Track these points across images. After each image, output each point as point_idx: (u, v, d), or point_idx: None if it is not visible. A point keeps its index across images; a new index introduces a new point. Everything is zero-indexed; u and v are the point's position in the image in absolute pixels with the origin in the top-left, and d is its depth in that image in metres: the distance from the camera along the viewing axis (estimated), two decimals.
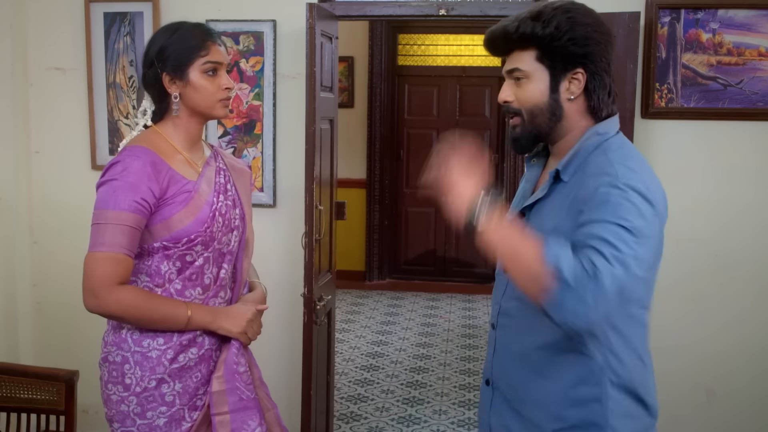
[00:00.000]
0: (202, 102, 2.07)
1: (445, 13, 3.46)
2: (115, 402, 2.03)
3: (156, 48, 2.04)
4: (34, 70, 3.79)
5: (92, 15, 3.67)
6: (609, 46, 1.73)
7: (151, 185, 1.95)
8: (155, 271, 2.03)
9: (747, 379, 3.44)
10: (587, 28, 1.70)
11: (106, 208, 1.93)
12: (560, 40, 1.70)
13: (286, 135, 3.63)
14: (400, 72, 7.68)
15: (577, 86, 1.73)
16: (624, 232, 1.51)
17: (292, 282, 3.60)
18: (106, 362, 2.06)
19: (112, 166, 1.97)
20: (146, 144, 2.01)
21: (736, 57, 3.31)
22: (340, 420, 4.45)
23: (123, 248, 1.93)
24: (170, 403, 2.02)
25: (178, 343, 2.03)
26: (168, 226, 1.98)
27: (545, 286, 1.47)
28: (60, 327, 3.87)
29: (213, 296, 2.10)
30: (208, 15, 3.60)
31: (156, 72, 2.04)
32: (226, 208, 2.10)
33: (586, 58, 1.71)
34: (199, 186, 2.05)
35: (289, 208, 3.64)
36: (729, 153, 3.38)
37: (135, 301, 1.96)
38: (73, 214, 3.79)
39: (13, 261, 3.73)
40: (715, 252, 3.40)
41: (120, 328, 2.04)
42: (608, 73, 1.73)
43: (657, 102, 3.36)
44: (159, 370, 2.01)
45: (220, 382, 2.07)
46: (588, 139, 1.74)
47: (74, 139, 3.80)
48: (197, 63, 2.04)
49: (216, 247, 2.07)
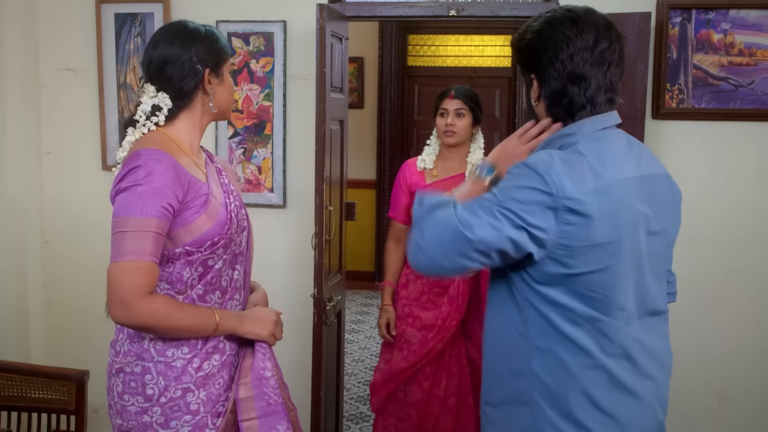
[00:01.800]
0: (229, 100, 2.13)
1: (455, 14, 3.45)
2: (134, 413, 1.97)
3: (195, 45, 2.03)
4: (46, 70, 3.81)
5: (103, 16, 3.69)
6: (559, 51, 1.74)
7: (176, 190, 1.90)
8: (177, 278, 1.98)
9: (758, 381, 3.42)
10: (533, 36, 1.78)
11: (131, 215, 1.84)
12: (515, 48, 1.84)
13: (296, 136, 3.63)
14: (410, 73, 7.67)
15: (534, 91, 1.83)
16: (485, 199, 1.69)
17: (302, 282, 3.61)
18: (121, 373, 2.00)
19: (132, 171, 1.89)
20: (159, 147, 1.96)
21: (747, 57, 3.30)
22: (350, 420, 4.45)
23: (151, 256, 1.86)
24: (195, 412, 1.99)
25: (204, 351, 2.00)
26: (190, 230, 1.95)
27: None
28: (71, 327, 3.89)
29: (230, 299, 2.09)
30: (219, 16, 3.61)
31: (195, 68, 2.02)
32: (236, 208, 2.09)
33: (533, 64, 1.80)
34: (212, 188, 2.04)
35: (299, 208, 3.65)
36: (740, 154, 3.36)
37: (167, 311, 1.90)
38: (84, 214, 3.80)
39: (24, 261, 3.75)
40: (726, 253, 3.39)
41: (141, 338, 1.98)
42: (557, 77, 1.76)
43: (668, 103, 3.34)
44: (185, 379, 1.97)
45: (248, 388, 2.04)
46: (554, 139, 1.80)
47: (85, 140, 3.81)
48: (228, 63, 2.11)
49: (231, 248, 2.06)
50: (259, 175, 3.66)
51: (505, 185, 1.68)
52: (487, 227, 1.64)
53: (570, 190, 1.63)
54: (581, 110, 1.77)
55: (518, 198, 1.64)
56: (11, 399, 2.61)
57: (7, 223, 3.66)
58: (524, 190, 1.65)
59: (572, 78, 1.75)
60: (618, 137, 1.80)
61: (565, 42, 1.74)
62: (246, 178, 3.67)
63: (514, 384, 1.77)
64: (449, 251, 1.66)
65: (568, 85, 1.75)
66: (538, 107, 1.83)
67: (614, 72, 1.78)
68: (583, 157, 1.69)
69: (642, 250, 1.74)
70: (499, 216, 1.64)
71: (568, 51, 1.74)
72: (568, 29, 1.74)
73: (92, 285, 3.61)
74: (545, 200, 1.63)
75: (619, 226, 1.68)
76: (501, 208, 1.64)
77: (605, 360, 1.70)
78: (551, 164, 1.65)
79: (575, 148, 1.72)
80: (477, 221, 1.64)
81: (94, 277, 3.55)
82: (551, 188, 1.63)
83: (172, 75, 2.02)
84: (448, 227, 1.66)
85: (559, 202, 1.63)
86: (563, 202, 1.63)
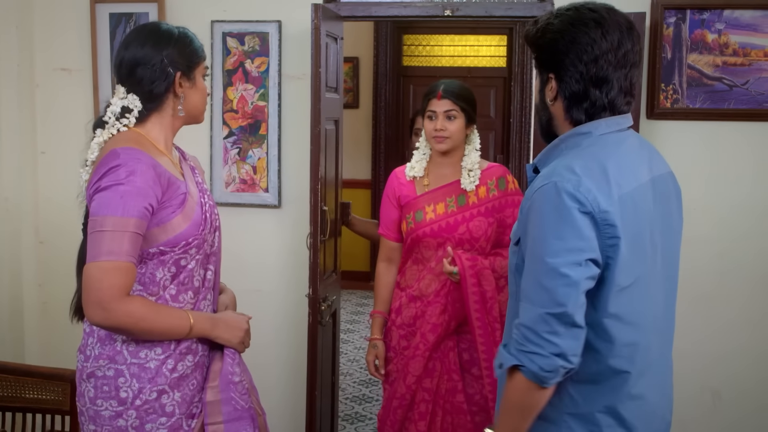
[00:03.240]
0: (201, 104, 2.11)
1: (450, 14, 3.46)
2: (107, 417, 1.93)
3: (167, 48, 2.01)
4: (40, 70, 3.80)
5: (98, 16, 3.68)
6: (582, 53, 1.72)
7: (156, 189, 1.89)
8: (150, 279, 1.95)
9: (753, 380, 3.43)
10: (555, 35, 1.74)
11: (111, 214, 1.82)
12: (536, 45, 1.79)
13: (291, 136, 3.63)
14: (405, 73, 7.68)
15: (551, 91, 1.79)
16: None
17: (297, 282, 3.61)
18: (92, 377, 1.96)
19: (113, 170, 1.86)
20: (136, 145, 1.94)
21: (741, 58, 3.30)
22: (345, 420, 4.45)
23: (129, 256, 1.83)
24: (170, 414, 1.96)
25: (177, 351, 1.98)
26: (165, 230, 1.93)
27: None
28: (65, 327, 3.83)
29: (202, 299, 2.07)
30: (214, 15, 3.60)
31: (166, 71, 2.00)
32: (210, 208, 2.08)
33: (553, 64, 1.76)
34: (189, 187, 2.02)
35: (294, 208, 3.64)
36: (735, 154, 3.37)
37: (143, 313, 1.87)
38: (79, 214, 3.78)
39: (18, 261, 3.74)
40: (720, 253, 3.39)
41: (113, 340, 1.95)
42: (579, 80, 1.73)
43: (662, 103, 3.35)
44: (160, 381, 1.95)
45: (215, 392, 2.03)
46: (568, 137, 1.78)
47: (80, 140, 3.76)
48: (201, 66, 2.09)
49: (204, 248, 2.04)
50: (254, 175, 3.66)
51: (547, 236, 1.63)
52: (564, 289, 1.60)
53: (603, 203, 1.63)
54: (602, 112, 1.75)
55: (565, 243, 1.61)
56: (6, 399, 2.61)
57: (1, 223, 3.65)
58: (565, 228, 1.61)
59: (595, 81, 1.73)
60: (631, 139, 1.80)
61: (589, 44, 1.71)
62: (241, 178, 3.67)
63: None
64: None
65: (590, 88, 1.73)
66: (555, 107, 1.80)
67: (634, 73, 1.77)
68: (601, 164, 1.68)
69: (657, 250, 1.76)
70: (565, 272, 1.60)
71: (593, 54, 1.71)
72: (592, 31, 1.72)
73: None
74: (587, 222, 1.62)
75: (639, 234, 1.69)
76: (564, 264, 1.60)
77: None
78: (579, 181, 1.63)
79: (591, 152, 1.71)
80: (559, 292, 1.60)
81: None
82: (586, 207, 1.62)
83: (143, 77, 2.00)
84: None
85: (598, 217, 1.62)
86: (601, 216, 1.63)
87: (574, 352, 1.61)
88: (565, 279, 1.58)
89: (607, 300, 1.66)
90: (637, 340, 1.71)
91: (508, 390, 1.68)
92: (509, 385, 1.67)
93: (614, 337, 1.68)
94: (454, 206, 2.84)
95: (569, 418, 1.71)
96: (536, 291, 1.62)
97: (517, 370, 1.63)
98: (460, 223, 2.81)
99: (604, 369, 1.70)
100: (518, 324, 1.64)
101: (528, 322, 1.62)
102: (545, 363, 1.59)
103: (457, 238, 2.80)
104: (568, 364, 1.60)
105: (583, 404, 1.71)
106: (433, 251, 2.84)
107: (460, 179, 2.85)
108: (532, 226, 1.67)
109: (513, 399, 1.68)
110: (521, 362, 1.61)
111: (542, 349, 1.59)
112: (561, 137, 1.80)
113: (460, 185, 2.84)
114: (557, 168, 1.68)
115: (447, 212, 2.83)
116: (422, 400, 2.80)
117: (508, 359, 1.65)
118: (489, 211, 2.82)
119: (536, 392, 1.63)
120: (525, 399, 1.65)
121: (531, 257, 1.66)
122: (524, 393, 1.64)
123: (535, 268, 1.64)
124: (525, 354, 1.61)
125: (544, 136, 1.90)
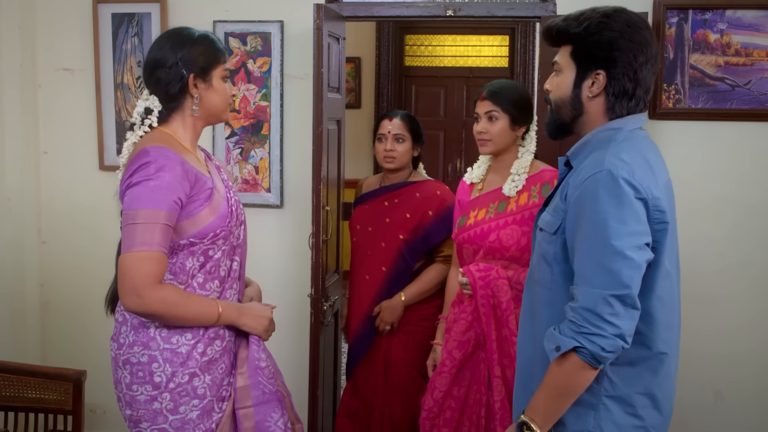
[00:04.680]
0: (220, 105, 2.17)
1: (452, 14, 3.45)
2: (143, 402, 2.04)
3: (183, 50, 2.09)
4: (43, 70, 3.80)
5: (100, 16, 3.69)
6: (639, 54, 1.80)
7: (184, 184, 1.99)
8: (180, 269, 2.06)
9: (755, 380, 3.42)
10: (614, 34, 1.79)
11: (143, 207, 1.93)
12: (585, 41, 1.82)
13: (293, 136, 3.63)
14: (407, 73, 7.68)
15: (597, 86, 1.83)
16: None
17: (299, 282, 3.61)
18: (127, 364, 2.06)
19: (143, 167, 1.96)
20: (164, 144, 2.04)
21: (744, 58, 3.30)
22: None
23: (160, 246, 1.95)
24: (202, 396, 2.06)
25: (206, 336, 2.07)
26: (195, 222, 2.03)
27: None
28: (68, 327, 3.88)
29: (229, 287, 2.17)
30: (216, 16, 3.61)
31: (180, 73, 2.08)
32: (236, 202, 2.18)
33: (608, 62, 1.81)
34: (215, 182, 2.12)
35: (297, 208, 3.65)
36: (737, 154, 3.36)
37: (176, 299, 1.99)
38: (81, 214, 3.80)
39: (21, 261, 3.75)
40: (722, 252, 3.39)
41: (146, 327, 2.05)
42: (632, 79, 1.81)
43: (665, 103, 3.35)
44: (191, 364, 2.04)
45: (244, 377, 2.14)
46: (600, 132, 1.84)
47: (82, 140, 3.81)
48: (219, 69, 2.15)
49: (230, 240, 2.14)
50: (257, 175, 3.66)
51: (608, 220, 1.68)
52: (628, 271, 1.66)
53: (654, 190, 1.72)
54: (640, 110, 1.86)
55: (627, 227, 1.67)
56: (8, 399, 2.61)
57: (4, 223, 3.66)
58: (626, 213, 1.68)
59: (642, 80, 1.82)
60: (648, 136, 1.90)
61: (645, 45, 1.81)
62: (243, 178, 3.67)
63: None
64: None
65: (638, 87, 1.82)
66: (594, 102, 1.85)
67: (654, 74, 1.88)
68: (643, 155, 1.78)
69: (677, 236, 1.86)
70: (628, 254, 1.66)
71: (646, 54, 1.81)
72: (645, 32, 1.82)
73: (89, 285, 3.61)
74: (642, 208, 1.70)
75: (674, 220, 1.81)
76: (627, 247, 1.66)
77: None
78: (632, 169, 1.70)
79: (630, 145, 1.79)
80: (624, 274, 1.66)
81: (91, 277, 3.56)
82: (641, 193, 1.70)
83: (159, 78, 2.10)
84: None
85: (651, 203, 1.71)
86: (653, 203, 1.72)
87: (630, 333, 1.67)
88: (629, 261, 1.65)
89: (654, 282, 1.74)
90: (673, 322, 1.80)
91: (555, 372, 1.72)
92: (558, 368, 1.71)
93: (657, 319, 1.75)
94: (493, 213, 2.74)
95: (608, 400, 1.76)
96: (598, 274, 1.66)
97: (573, 352, 1.67)
98: (492, 231, 2.71)
99: (645, 351, 1.76)
100: (576, 307, 1.68)
101: (588, 304, 1.66)
102: (607, 344, 1.64)
103: (487, 246, 2.71)
104: (626, 344, 1.66)
105: (623, 386, 1.76)
106: (472, 259, 2.78)
107: (502, 186, 2.76)
108: (587, 212, 1.71)
109: (560, 381, 1.72)
110: (581, 344, 1.65)
111: (604, 331, 1.64)
112: (592, 132, 1.86)
113: (502, 192, 2.76)
114: (607, 157, 1.73)
115: (485, 219, 2.75)
116: (449, 408, 2.78)
117: (567, 342, 1.68)
118: (526, 220, 2.67)
119: (588, 373, 1.69)
120: (574, 380, 1.70)
121: (589, 242, 1.70)
122: (575, 375, 1.69)
123: (596, 251, 1.68)
124: (585, 336, 1.65)
125: (557, 132, 1.94)
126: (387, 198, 3.25)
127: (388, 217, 3.22)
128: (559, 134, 1.94)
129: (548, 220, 1.86)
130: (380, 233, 3.23)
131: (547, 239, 1.85)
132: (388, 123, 3.18)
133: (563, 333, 1.70)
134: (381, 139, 3.18)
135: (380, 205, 3.26)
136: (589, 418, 1.77)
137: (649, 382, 1.78)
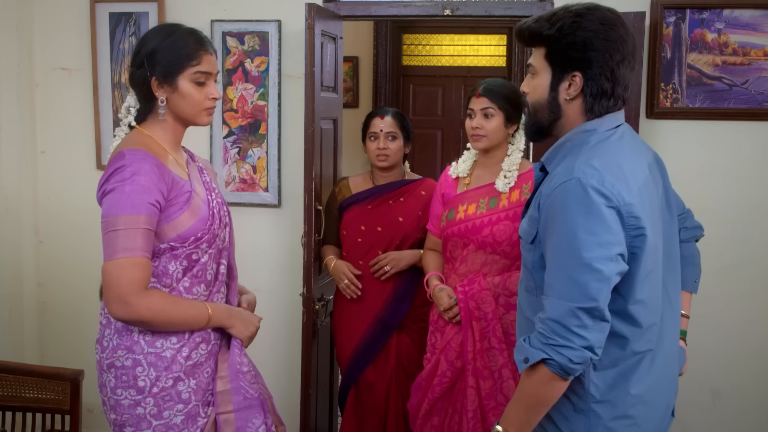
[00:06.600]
0: (188, 110, 2.07)
1: (450, 13, 3.45)
2: (127, 406, 2.00)
3: (148, 50, 2.03)
4: (40, 70, 3.80)
5: (98, 15, 3.68)
6: (615, 52, 1.75)
7: (161, 187, 1.94)
8: (162, 272, 2.01)
9: (752, 380, 3.43)
10: (588, 34, 1.74)
11: (121, 213, 1.88)
12: (560, 43, 1.77)
13: (290, 135, 3.63)
14: (405, 72, 7.67)
15: (574, 89, 1.78)
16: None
17: (296, 281, 3.60)
18: (112, 368, 2.02)
19: (118, 171, 1.92)
20: (142, 147, 1.99)
21: (741, 57, 3.30)
22: None
23: (143, 251, 1.90)
24: (186, 401, 2.03)
25: (191, 340, 2.04)
26: (175, 226, 1.99)
27: None
28: (65, 326, 3.88)
29: (216, 291, 2.13)
30: (213, 15, 3.60)
31: (145, 74, 2.03)
32: (218, 205, 2.13)
33: (584, 63, 1.76)
34: (194, 186, 2.08)
35: (294, 208, 3.64)
36: (734, 153, 3.37)
37: (163, 305, 1.95)
38: (79, 214, 3.80)
39: (18, 261, 3.74)
40: (719, 251, 3.39)
41: (130, 331, 2.01)
42: (609, 78, 1.76)
43: (662, 102, 3.35)
44: (175, 368, 2.01)
45: (224, 382, 2.09)
46: (574, 134, 1.80)
47: (79, 139, 3.80)
48: (188, 72, 2.04)
49: (216, 243, 2.10)
50: (254, 174, 3.66)
51: (576, 231, 1.65)
52: (596, 284, 1.63)
53: (626, 196, 1.67)
54: (618, 108, 1.82)
55: (596, 238, 1.63)
56: (6, 399, 2.61)
57: (1, 222, 3.65)
58: (595, 223, 1.64)
59: (620, 78, 1.78)
60: (628, 133, 1.84)
61: (621, 43, 1.76)
62: (241, 177, 3.67)
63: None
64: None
65: (616, 85, 1.78)
66: (571, 105, 1.80)
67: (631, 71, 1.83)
68: (616, 159, 1.72)
69: (659, 231, 1.79)
70: (597, 267, 1.63)
71: (622, 52, 1.76)
72: (620, 29, 1.77)
73: (87, 285, 3.61)
74: (614, 216, 1.65)
75: (654, 222, 1.75)
76: (596, 259, 1.63)
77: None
78: (602, 177, 1.66)
79: (603, 149, 1.74)
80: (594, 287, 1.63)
81: (89, 277, 3.56)
82: (612, 201, 1.65)
83: (132, 77, 2.07)
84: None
85: (623, 210, 1.66)
86: (626, 210, 1.67)
87: (599, 345, 1.66)
88: (597, 274, 1.62)
89: (634, 288, 1.71)
90: (655, 321, 1.77)
91: (526, 384, 1.71)
92: (529, 379, 1.70)
93: (640, 321, 1.73)
94: (485, 208, 2.77)
95: (596, 406, 1.75)
96: (566, 286, 1.64)
97: (542, 363, 1.66)
98: (485, 226, 2.74)
99: (629, 353, 1.75)
100: (545, 318, 1.67)
101: (556, 316, 1.64)
102: (575, 355, 1.63)
103: (480, 240, 2.74)
104: (594, 356, 1.65)
105: (609, 390, 1.75)
106: (459, 251, 2.81)
107: (494, 182, 2.81)
108: (557, 222, 1.68)
109: (531, 392, 1.71)
110: (549, 356, 1.64)
111: (572, 343, 1.62)
112: (567, 135, 1.82)
113: (494, 187, 2.80)
114: (576, 164, 1.70)
115: (476, 213, 2.78)
116: (437, 414, 2.81)
117: (534, 354, 1.67)
118: (517, 216, 2.72)
119: (558, 384, 1.67)
120: (545, 391, 1.69)
121: (558, 253, 1.67)
122: (545, 386, 1.68)
123: (564, 263, 1.66)
124: (552, 347, 1.64)
125: (536, 135, 1.89)
126: (391, 197, 3.22)
127: (401, 215, 3.18)
128: (538, 137, 1.89)
129: (525, 229, 1.84)
130: (393, 232, 3.17)
131: (526, 247, 1.84)
132: (379, 121, 3.16)
133: (532, 344, 1.68)
134: (372, 138, 3.17)
135: (385, 204, 3.22)
136: (581, 423, 1.76)
137: (636, 382, 1.76)
